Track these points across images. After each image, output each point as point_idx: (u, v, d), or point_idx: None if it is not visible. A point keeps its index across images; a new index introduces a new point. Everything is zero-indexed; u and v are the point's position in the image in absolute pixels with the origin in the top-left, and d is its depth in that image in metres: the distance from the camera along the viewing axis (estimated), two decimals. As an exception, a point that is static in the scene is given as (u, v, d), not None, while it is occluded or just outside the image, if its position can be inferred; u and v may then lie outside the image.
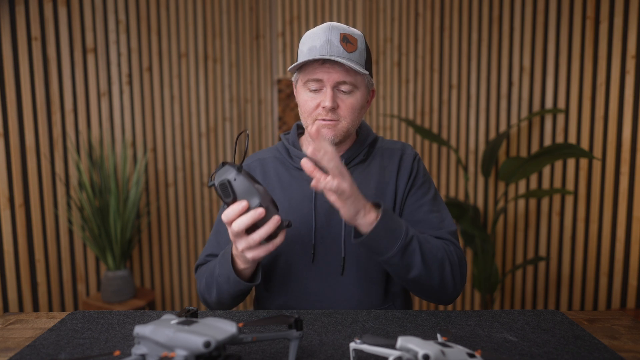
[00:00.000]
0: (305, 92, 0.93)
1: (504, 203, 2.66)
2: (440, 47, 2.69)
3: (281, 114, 2.77)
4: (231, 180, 0.73)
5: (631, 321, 0.82)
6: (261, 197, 0.74)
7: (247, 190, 0.73)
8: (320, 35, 0.89)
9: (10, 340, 0.75)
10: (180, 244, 2.69)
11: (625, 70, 2.27)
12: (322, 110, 0.91)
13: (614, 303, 2.39)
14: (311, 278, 0.95)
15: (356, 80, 0.91)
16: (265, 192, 0.75)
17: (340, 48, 0.88)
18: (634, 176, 2.28)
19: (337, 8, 2.68)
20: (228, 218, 0.74)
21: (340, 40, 0.88)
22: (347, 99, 0.92)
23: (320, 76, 0.90)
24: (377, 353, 0.60)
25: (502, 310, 0.86)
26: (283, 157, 1.03)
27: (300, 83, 0.95)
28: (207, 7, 2.66)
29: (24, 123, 2.11)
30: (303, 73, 0.93)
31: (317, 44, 0.88)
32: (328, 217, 0.95)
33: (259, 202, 0.73)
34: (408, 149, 1.04)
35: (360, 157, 1.00)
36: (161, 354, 0.55)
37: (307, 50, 0.90)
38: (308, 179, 0.98)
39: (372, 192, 0.97)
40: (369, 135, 1.03)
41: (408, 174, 0.99)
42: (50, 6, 2.17)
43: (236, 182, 0.73)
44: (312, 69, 0.90)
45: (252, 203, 0.73)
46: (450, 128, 2.73)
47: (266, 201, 0.74)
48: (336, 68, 0.89)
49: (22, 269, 2.14)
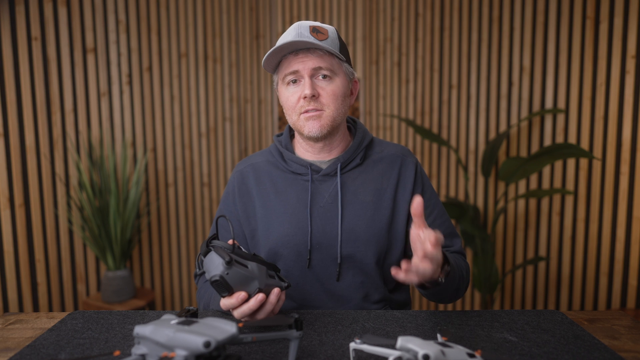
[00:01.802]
0: (285, 88, 0.94)
1: (504, 203, 2.66)
2: (440, 47, 2.69)
3: (281, 114, 2.77)
4: (223, 276, 0.69)
5: (631, 321, 0.82)
6: (258, 279, 0.71)
7: (242, 280, 0.70)
8: (290, 31, 0.91)
9: (10, 340, 0.75)
10: (180, 244, 2.69)
11: (625, 70, 2.27)
12: (304, 101, 0.91)
13: (614, 303, 2.39)
14: (307, 283, 0.95)
15: (332, 66, 0.92)
16: (259, 267, 0.71)
17: (312, 37, 0.88)
18: (634, 176, 2.28)
19: (337, 8, 2.68)
20: (228, 309, 0.73)
21: (310, 32, 0.89)
22: (327, 86, 0.92)
23: (296, 66, 0.90)
24: (377, 353, 0.60)
25: (502, 310, 0.86)
26: (277, 161, 1.01)
27: (280, 82, 0.95)
28: (207, 7, 2.66)
29: (24, 123, 2.11)
30: (280, 70, 0.94)
31: (288, 39, 0.89)
32: (324, 222, 0.94)
33: (257, 287, 0.71)
34: (408, 156, 1.02)
35: (356, 160, 0.99)
36: (161, 354, 0.55)
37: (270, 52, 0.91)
38: (303, 183, 0.97)
39: (369, 197, 0.96)
40: (365, 137, 1.02)
41: (411, 187, 0.99)
42: (50, 6, 2.17)
43: (229, 276, 0.69)
44: (287, 63, 0.91)
45: (250, 290, 0.71)
46: (450, 128, 2.73)
47: (263, 279, 0.71)
48: (310, 56, 0.90)
49: (22, 269, 2.14)
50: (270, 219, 0.96)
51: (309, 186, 0.96)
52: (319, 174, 0.97)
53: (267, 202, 0.98)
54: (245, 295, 0.71)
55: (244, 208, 1.00)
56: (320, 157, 0.99)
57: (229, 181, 1.06)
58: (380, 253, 0.95)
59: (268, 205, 0.97)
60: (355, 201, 0.95)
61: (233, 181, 1.04)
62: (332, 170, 0.97)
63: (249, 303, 0.71)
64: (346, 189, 0.96)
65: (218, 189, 2.80)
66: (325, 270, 0.94)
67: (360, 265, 0.94)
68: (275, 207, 0.96)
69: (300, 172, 0.98)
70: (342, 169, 0.97)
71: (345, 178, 0.97)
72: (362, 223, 0.94)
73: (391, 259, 0.97)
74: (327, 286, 0.94)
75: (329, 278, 0.94)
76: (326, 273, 0.94)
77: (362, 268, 0.94)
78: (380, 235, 0.94)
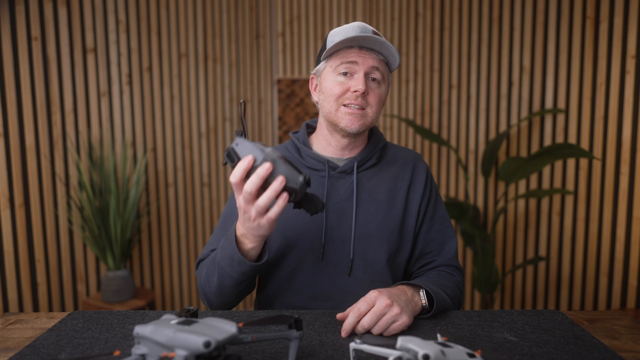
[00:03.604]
0: (334, 76, 0.94)
1: (504, 203, 2.66)
2: (440, 47, 2.69)
3: (281, 114, 2.77)
4: (233, 146, 0.74)
5: (631, 321, 0.82)
6: (265, 154, 0.72)
7: (250, 150, 0.73)
8: (355, 28, 0.92)
9: (10, 340, 0.75)
10: (180, 244, 2.69)
11: (625, 70, 2.27)
12: (352, 95, 0.92)
13: (614, 303, 2.39)
14: (318, 277, 0.96)
15: (384, 72, 0.95)
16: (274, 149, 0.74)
17: (377, 37, 0.90)
18: (634, 176, 2.28)
19: (337, 8, 2.68)
20: (236, 178, 0.72)
21: (374, 33, 0.92)
22: (376, 88, 0.94)
23: (356, 59, 0.91)
24: (377, 353, 0.60)
25: (502, 310, 0.86)
26: (293, 156, 1.02)
27: (329, 69, 0.95)
28: (207, 7, 2.66)
29: (24, 123, 2.11)
30: (335, 58, 0.94)
31: (354, 34, 0.90)
32: (339, 217, 0.96)
33: (262, 157, 0.71)
34: (420, 161, 1.06)
35: (372, 160, 1.01)
36: (161, 354, 0.55)
37: (340, 40, 0.90)
38: (320, 179, 0.99)
39: (383, 197, 0.98)
40: (380, 140, 1.04)
41: (422, 189, 1.01)
42: (50, 6, 2.17)
43: (239, 146, 0.73)
44: (347, 53, 0.92)
45: (257, 159, 0.72)
46: (450, 128, 2.73)
47: (272, 156, 0.72)
48: (372, 54, 0.91)
49: (22, 269, 2.14)
50: (284, 213, 0.96)
51: (325, 182, 0.98)
52: (335, 170, 0.99)
53: None
54: (252, 159, 0.71)
55: None
56: (341, 154, 1.01)
57: None
58: (392, 251, 0.97)
59: None
60: (369, 200, 0.98)
61: None
62: (349, 168, 0.99)
63: (255, 172, 0.70)
64: (361, 188, 0.98)
65: (218, 189, 2.80)
66: (337, 265, 0.95)
67: (371, 263, 0.96)
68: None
69: (317, 167, 0.99)
70: (358, 167, 0.99)
71: (361, 177, 0.99)
72: (375, 221, 0.96)
73: (400, 258, 1.00)
74: (338, 281, 0.95)
75: (340, 273, 0.95)
76: (338, 268, 0.95)
77: (373, 266, 0.96)
78: (392, 234, 0.97)
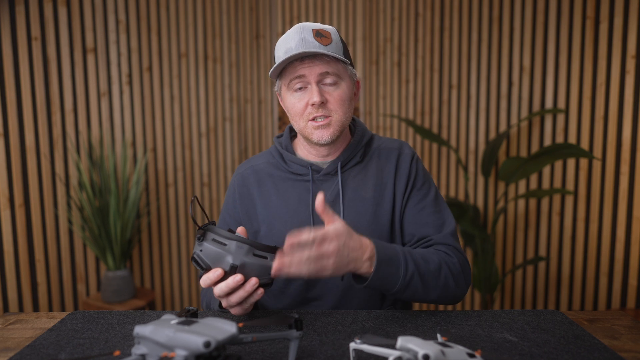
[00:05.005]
0: (290, 94, 0.93)
1: (504, 203, 2.66)
2: (440, 47, 2.69)
3: (281, 114, 2.77)
4: (198, 252, 0.72)
5: (631, 321, 0.82)
6: (233, 255, 0.71)
7: (216, 257, 0.72)
8: (293, 36, 0.89)
9: (10, 340, 0.75)
10: (180, 244, 2.69)
11: (625, 70, 2.27)
12: (312, 108, 0.90)
13: (614, 303, 2.39)
14: (310, 283, 0.95)
15: (339, 70, 0.91)
16: (239, 245, 0.72)
17: (316, 42, 0.88)
18: (634, 176, 2.28)
19: (337, 8, 2.68)
20: (207, 285, 0.74)
21: (314, 36, 0.88)
22: (334, 91, 0.91)
23: (302, 72, 0.89)
24: (377, 353, 0.60)
25: (502, 310, 0.86)
26: (277, 162, 1.02)
27: (284, 88, 0.94)
28: (207, 7, 2.66)
29: (24, 123, 2.11)
30: (285, 76, 0.93)
31: (292, 45, 0.88)
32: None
33: (231, 263, 0.71)
34: (405, 148, 1.02)
35: (356, 158, 0.99)
36: (161, 354, 0.55)
37: (283, 54, 0.89)
38: (304, 184, 0.97)
39: (370, 194, 0.96)
40: (364, 135, 1.02)
41: (407, 176, 0.98)
42: (50, 6, 2.17)
43: (203, 252, 0.72)
44: (293, 68, 0.90)
45: (225, 266, 0.72)
46: (450, 128, 2.73)
47: (240, 257, 0.72)
48: (316, 62, 0.89)
49: (22, 269, 2.14)
50: (273, 220, 0.96)
51: (310, 186, 0.96)
52: (319, 173, 0.97)
53: (268, 203, 0.98)
54: (221, 272, 0.72)
55: (245, 210, 1.00)
56: (324, 158, 1.00)
57: (229, 184, 1.07)
58: None
59: (270, 207, 0.97)
60: (356, 198, 0.96)
61: (234, 184, 1.04)
62: (333, 169, 0.97)
63: (225, 281, 0.72)
64: (347, 187, 0.96)
65: (218, 189, 2.80)
66: None
67: None
68: (277, 208, 0.97)
69: (301, 172, 0.98)
70: (342, 167, 0.98)
71: (346, 176, 0.98)
72: (365, 220, 0.94)
73: None
74: (331, 286, 0.94)
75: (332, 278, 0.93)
76: None
77: None
78: (383, 231, 0.95)
